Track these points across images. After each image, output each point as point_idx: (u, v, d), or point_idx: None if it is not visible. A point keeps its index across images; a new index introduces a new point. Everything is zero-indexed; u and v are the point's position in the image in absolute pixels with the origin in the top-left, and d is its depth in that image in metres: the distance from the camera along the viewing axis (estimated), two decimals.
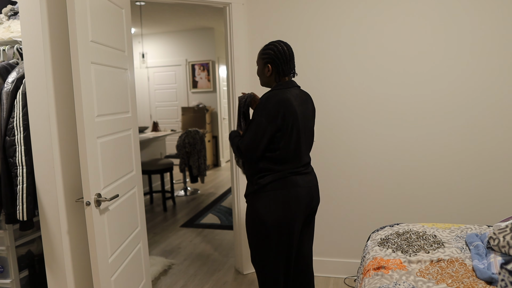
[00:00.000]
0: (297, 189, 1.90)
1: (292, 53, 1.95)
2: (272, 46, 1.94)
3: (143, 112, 8.09)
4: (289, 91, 1.91)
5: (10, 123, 1.88)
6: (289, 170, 1.90)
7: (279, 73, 1.94)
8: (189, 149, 5.37)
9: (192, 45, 7.73)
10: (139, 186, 2.34)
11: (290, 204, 1.89)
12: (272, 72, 1.94)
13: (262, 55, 1.97)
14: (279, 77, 1.95)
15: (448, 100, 2.67)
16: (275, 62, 1.92)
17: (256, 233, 1.95)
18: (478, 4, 2.55)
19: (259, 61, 1.99)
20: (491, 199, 2.67)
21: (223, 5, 2.90)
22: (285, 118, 1.84)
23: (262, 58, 1.96)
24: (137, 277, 2.24)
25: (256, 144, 1.85)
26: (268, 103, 1.84)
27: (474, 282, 1.52)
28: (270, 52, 1.93)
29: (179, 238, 3.95)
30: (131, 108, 2.24)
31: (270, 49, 1.93)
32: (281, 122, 1.84)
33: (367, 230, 2.89)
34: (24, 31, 1.77)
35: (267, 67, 1.95)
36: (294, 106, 1.86)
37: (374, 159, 2.84)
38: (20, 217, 1.89)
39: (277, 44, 1.94)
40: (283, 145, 1.87)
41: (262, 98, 1.89)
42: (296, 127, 1.88)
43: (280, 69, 1.93)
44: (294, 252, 1.99)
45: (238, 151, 1.92)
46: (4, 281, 2.12)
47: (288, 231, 1.91)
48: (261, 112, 1.84)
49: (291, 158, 1.90)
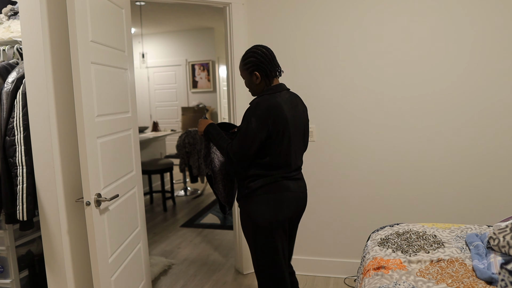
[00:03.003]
0: (288, 194, 1.90)
1: (271, 51, 1.93)
2: (252, 53, 1.91)
3: (143, 112, 8.09)
4: (279, 95, 1.88)
5: (10, 123, 1.88)
6: (280, 174, 1.89)
7: (268, 76, 1.91)
8: (189, 149, 5.37)
9: (192, 45, 7.73)
10: (139, 186, 2.34)
11: (282, 207, 1.89)
12: (261, 78, 1.91)
13: (244, 65, 1.93)
14: (268, 80, 1.92)
15: (447, 100, 2.67)
16: (261, 67, 1.90)
17: (251, 235, 1.96)
18: (478, 4, 2.55)
19: (244, 72, 1.95)
20: (491, 199, 2.67)
21: (223, 5, 2.90)
22: (275, 123, 1.81)
23: (246, 68, 1.93)
24: (137, 277, 2.24)
25: (246, 150, 1.81)
26: (258, 109, 1.81)
27: (474, 282, 1.52)
28: (252, 59, 1.90)
29: (179, 238, 3.95)
30: (131, 108, 2.24)
31: (252, 57, 1.90)
32: (271, 128, 1.81)
33: (367, 230, 2.89)
34: (24, 31, 1.77)
35: (254, 75, 1.91)
36: (284, 111, 1.84)
37: (374, 159, 2.84)
38: (20, 217, 1.89)
39: (255, 50, 1.91)
40: (273, 151, 1.85)
41: (252, 103, 1.86)
42: (287, 133, 1.86)
43: (268, 71, 1.90)
44: (287, 253, 2.03)
45: (227, 156, 1.87)
46: (4, 281, 2.12)
47: (280, 232, 1.92)
48: (251, 118, 1.80)
49: (282, 164, 1.89)
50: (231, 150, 1.84)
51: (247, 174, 1.90)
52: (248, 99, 2.98)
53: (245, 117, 1.83)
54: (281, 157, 1.87)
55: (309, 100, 2.88)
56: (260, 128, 1.79)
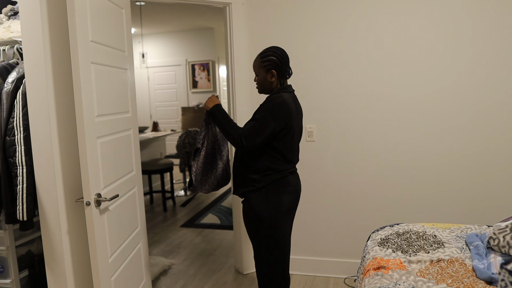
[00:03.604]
0: (292, 188, 2.03)
1: (287, 54, 2.05)
2: (273, 52, 1.99)
3: (143, 112, 8.09)
4: (290, 95, 2.01)
5: (10, 123, 1.88)
6: (288, 170, 2.01)
7: (282, 76, 2.02)
8: (189, 149, 5.37)
9: (192, 45, 7.73)
10: (139, 186, 2.34)
11: (289, 201, 2.01)
12: (276, 77, 2.00)
13: (262, 62, 2.00)
14: (281, 80, 2.03)
15: (448, 99, 2.67)
16: (279, 67, 1.99)
17: (256, 230, 2.01)
18: (478, 4, 2.55)
19: (260, 69, 2.02)
20: (491, 199, 2.67)
21: (223, 5, 2.90)
22: (289, 120, 1.93)
23: (264, 65, 2.00)
24: (137, 277, 2.24)
25: (257, 138, 1.89)
26: (277, 104, 1.91)
27: (474, 282, 1.52)
28: (273, 58, 1.98)
29: (179, 238, 3.95)
30: (131, 108, 2.24)
31: (273, 55, 1.98)
32: (284, 124, 1.92)
33: (367, 230, 2.89)
34: (24, 31, 1.77)
35: (270, 73, 1.99)
36: (294, 110, 1.97)
37: (374, 159, 2.84)
38: (20, 217, 1.89)
39: (276, 50, 2.00)
40: (285, 146, 1.97)
41: (271, 98, 1.95)
42: (294, 130, 1.99)
43: (284, 72, 2.01)
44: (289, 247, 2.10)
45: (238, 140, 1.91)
46: (4, 281, 2.12)
47: (287, 226, 2.03)
48: (268, 110, 1.90)
49: (290, 159, 2.01)
50: (243, 129, 1.91)
51: (257, 167, 1.97)
52: (248, 99, 2.98)
53: (263, 109, 1.92)
54: (290, 152, 2.01)
55: (309, 100, 2.88)
56: (276, 121, 1.89)
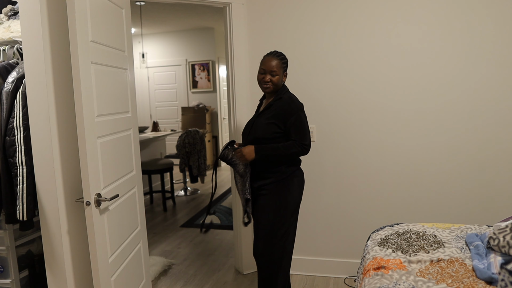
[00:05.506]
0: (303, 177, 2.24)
1: None
2: (284, 55, 2.19)
3: (143, 112, 8.09)
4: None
5: (10, 123, 1.88)
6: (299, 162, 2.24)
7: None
8: (189, 149, 5.37)
9: (192, 45, 7.73)
10: (139, 186, 2.34)
11: (302, 189, 2.23)
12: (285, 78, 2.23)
13: (283, 64, 2.18)
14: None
15: (446, 100, 2.67)
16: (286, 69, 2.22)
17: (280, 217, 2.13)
18: (480, 7, 2.55)
19: (280, 70, 2.16)
20: (491, 199, 2.67)
21: (223, 5, 2.90)
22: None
23: (284, 67, 2.17)
24: (137, 277, 2.24)
25: (306, 132, 2.12)
26: (298, 103, 2.14)
27: (474, 282, 1.52)
28: (287, 61, 2.20)
29: (179, 238, 3.95)
30: (131, 108, 2.24)
31: (285, 58, 2.19)
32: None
33: (367, 230, 2.89)
34: (24, 31, 1.77)
35: (285, 75, 2.20)
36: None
37: (374, 159, 2.84)
38: (20, 217, 1.89)
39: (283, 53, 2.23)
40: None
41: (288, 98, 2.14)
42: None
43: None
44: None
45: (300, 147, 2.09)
46: (4, 281, 2.12)
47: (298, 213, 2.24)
48: (300, 111, 2.12)
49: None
50: (301, 142, 2.09)
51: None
52: (248, 99, 2.98)
53: (294, 111, 2.10)
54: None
55: (309, 100, 2.87)
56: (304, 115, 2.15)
